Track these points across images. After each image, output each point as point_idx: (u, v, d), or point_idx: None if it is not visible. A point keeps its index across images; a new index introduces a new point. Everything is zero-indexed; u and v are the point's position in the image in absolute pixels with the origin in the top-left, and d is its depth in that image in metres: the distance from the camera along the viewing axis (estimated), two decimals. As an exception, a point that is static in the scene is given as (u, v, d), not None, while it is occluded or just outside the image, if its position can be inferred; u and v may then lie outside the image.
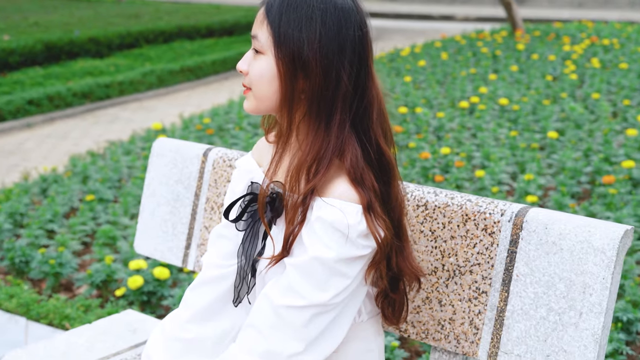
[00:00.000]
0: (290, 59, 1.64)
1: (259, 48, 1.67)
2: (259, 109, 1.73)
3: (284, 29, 1.64)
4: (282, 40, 1.64)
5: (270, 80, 1.67)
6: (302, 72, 1.64)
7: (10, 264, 4.37)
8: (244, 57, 1.72)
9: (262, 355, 1.64)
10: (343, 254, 1.61)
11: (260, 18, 1.68)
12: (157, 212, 2.59)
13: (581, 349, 1.80)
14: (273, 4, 1.66)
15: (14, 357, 2.33)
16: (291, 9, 1.64)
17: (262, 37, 1.66)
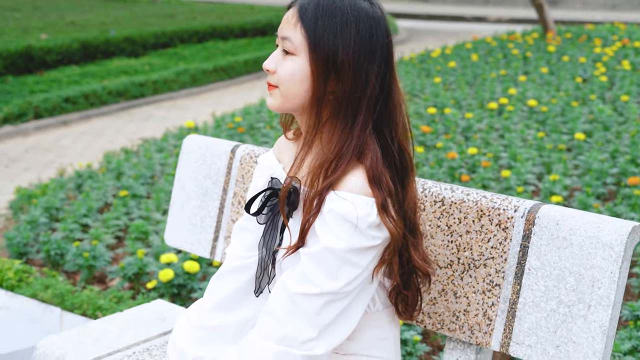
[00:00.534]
0: (324, 62, 1.73)
1: (290, 49, 1.76)
2: (284, 107, 1.81)
3: (320, 33, 1.72)
4: (317, 43, 1.73)
5: (301, 81, 1.76)
6: (334, 74, 1.74)
7: (46, 256, 4.51)
8: (271, 57, 1.81)
9: (279, 340, 1.74)
10: (353, 244, 1.69)
11: (293, 21, 1.75)
12: (186, 206, 2.70)
13: (589, 340, 1.88)
14: (307, 8, 1.74)
15: (50, 342, 2.45)
16: (326, 15, 1.73)
17: (296, 39, 1.75)
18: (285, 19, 1.78)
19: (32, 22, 14.44)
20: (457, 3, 22.42)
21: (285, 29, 1.77)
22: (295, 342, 1.73)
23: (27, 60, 11.09)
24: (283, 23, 1.79)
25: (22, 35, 12.59)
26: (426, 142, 6.34)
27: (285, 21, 1.78)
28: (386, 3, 22.11)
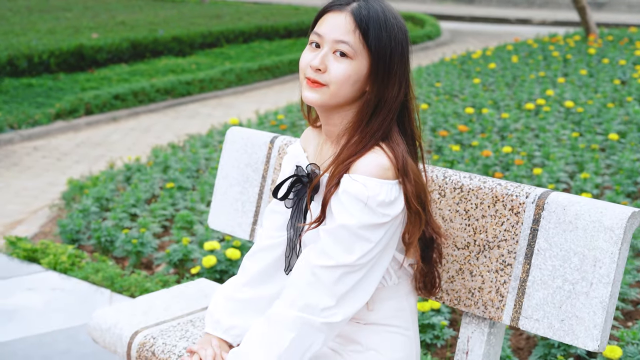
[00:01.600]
0: (382, 68, 1.95)
1: (349, 52, 1.94)
2: (328, 103, 2.01)
3: (381, 42, 1.93)
4: (379, 51, 1.93)
5: (354, 82, 1.96)
6: (386, 79, 1.96)
7: (96, 242, 4.79)
8: (319, 56, 1.96)
9: (301, 308, 1.95)
10: (365, 221, 1.90)
11: (350, 27, 1.93)
12: (228, 192, 2.93)
13: (591, 314, 2.06)
14: (364, 17, 1.93)
15: (103, 313, 2.69)
16: (382, 26, 1.94)
17: (355, 44, 1.93)
18: (335, 24, 1.94)
19: (84, 22, 14.84)
20: (502, 5, 22.45)
21: (339, 33, 1.94)
22: (316, 310, 1.94)
23: (79, 58, 11.44)
24: (332, 26, 1.95)
25: (74, 34, 12.97)
26: (462, 141, 6.51)
27: (336, 25, 1.94)
28: (431, 5, 22.22)
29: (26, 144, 8.29)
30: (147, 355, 2.46)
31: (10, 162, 7.55)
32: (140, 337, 2.52)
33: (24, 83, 10.20)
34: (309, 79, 1.99)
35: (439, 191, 2.36)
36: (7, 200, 6.32)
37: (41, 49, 11.00)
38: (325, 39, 1.96)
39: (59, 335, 3.73)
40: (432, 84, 9.01)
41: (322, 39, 1.97)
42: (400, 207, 1.96)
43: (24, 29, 13.56)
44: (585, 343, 2.08)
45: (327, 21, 1.97)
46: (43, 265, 4.58)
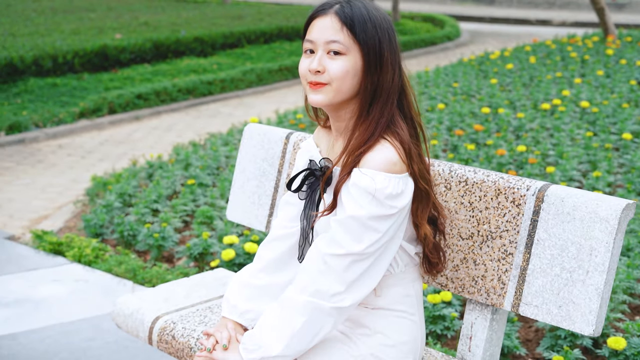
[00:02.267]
0: (374, 57, 2.09)
1: (341, 50, 2.08)
2: (334, 100, 2.14)
3: (367, 34, 2.08)
4: (367, 42, 2.08)
5: (353, 76, 2.10)
6: (379, 67, 2.10)
7: (119, 237, 4.94)
8: (315, 59, 2.10)
9: (312, 294, 2.08)
10: (373, 212, 2.03)
11: (337, 27, 2.08)
12: (246, 186, 3.06)
13: (586, 301, 2.18)
14: (348, 15, 2.07)
15: (126, 300, 2.83)
16: (365, 19, 2.08)
17: (345, 40, 2.08)
18: (323, 27, 2.09)
19: (107, 22, 15.05)
20: (522, 6, 22.47)
21: (329, 34, 2.08)
22: (326, 295, 2.07)
23: (103, 58, 11.63)
24: (321, 29, 2.09)
25: (98, 35, 13.17)
26: (478, 140, 6.62)
27: (324, 28, 2.09)
28: (451, 6, 22.28)
29: (51, 142, 8.47)
30: (167, 339, 2.60)
31: (35, 160, 7.73)
32: (161, 322, 2.65)
33: (49, 83, 10.39)
34: (311, 83, 2.12)
35: (445, 184, 2.48)
36: (33, 196, 6.49)
37: (65, 49, 11.19)
38: (317, 43, 2.10)
39: (83, 324, 3.89)
40: (450, 84, 9.11)
41: (314, 44, 2.11)
42: (406, 200, 2.08)
43: (48, 29, 13.78)
44: (582, 328, 2.19)
45: (316, 27, 2.11)
46: (68, 258, 4.74)
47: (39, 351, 3.61)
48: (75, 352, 3.61)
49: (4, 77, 10.28)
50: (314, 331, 2.09)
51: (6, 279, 4.45)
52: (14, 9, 17.42)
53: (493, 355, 2.46)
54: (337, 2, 2.11)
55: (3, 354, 3.58)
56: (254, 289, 2.36)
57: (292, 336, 2.08)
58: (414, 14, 18.89)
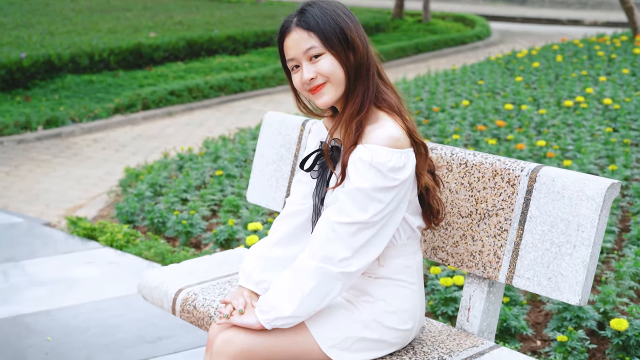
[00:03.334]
0: (344, 43, 2.31)
1: (319, 52, 2.31)
2: (337, 95, 2.36)
3: (326, 29, 2.30)
4: (329, 36, 2.30)
5: (338, 67, 2.33)
6: (351, 49, 2.32)
7: (150, 223, 5.18)
8: (305, 70, 2.33)
9: (322, 259, 2.28)
10: (376, 184, 2.23)
11: (305, 36, 2.31)
12: (265, 169, 3.27)
13: (574, 273, 2.35)
14: (307, 21, 2.31)
15: (152, 273, 3.05)
16: (322, 17, 2.31)
17: (316, 44, 2.31)
18: (294, 42, 2.32)
19: (143, 21, 15.36)
20: (554, 6, 22.48)
21: (303, 45, 2.31)
22: (334, 260, 2.27)
23: (137, 56, 11.91)
24: (294, 45, 2.32)
25: (133, 33, 13.48)
26: (500, 135, 6.77)
27: (297, 41, 2.32)
28: (483, 6, 22.34)
29: (87, 136, 8.76)
30: (189, 309, 2.81)
31: (71, 153, 8.01)
32: (183, 293, 2.87)
33: (85, 79, 10.69)
34: (312, 90, 2.36)
35: (447, 166, 2.66)
36: (69, 187, 6.76)
37: (102, 48, 11.50)
38: (297, 57, 2.34)
39: (114, 302, 4.12)
40: (476, 82, 9.26)
41: (296, 59, 2.35)
42: (408, 172, 2.28)
43: (85, 28, 14.11)
44: (569, 297, 2.37)
45: (288, 45, 2.35)
46: (100, 242, 4.98)
47: (71, 326, 3.85)
48: (106, 327, 3.84)
49: (42, 74, 10.59)
50: (322, 294, 2.28)
51: (42, 261, 4.71)
52: (53, 8, 17.82)
53: (490, 326, 2.64)
54: (293, 17, 2.36)
55: (38, 329, 3.82)
56: (268, 260, 2.56)
57: (303, 298, 2.27)
58: (446, 14, 19.01)
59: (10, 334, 3.77)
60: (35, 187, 6.79)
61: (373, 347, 2.40)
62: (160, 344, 3.66)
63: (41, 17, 15.98)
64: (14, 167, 7.44)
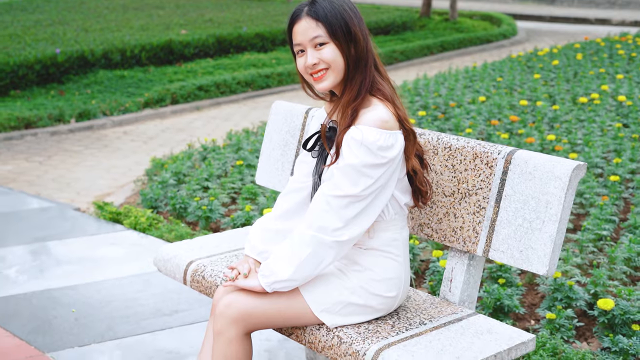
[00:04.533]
0: (347, 35, 2.58)
1: (323, 40, 2.57)
2: (336, 81, 2.63)
3: (332, 21, 2.56)
4: (337, 27, 2.56)
5: (339, 55, 2.59)
6: (353, 41, 2.59)
7: (172, 209, 5.48)
8: (309, 56, 2.59)
9: (317, 229, 2.54)
10: (366, 161, 2.48)
11: (313, 25, 2.57)
12: (272, 154, 3.54)
13: (542, 246, 2.59)
14: (317, 13, 2.56)
15: (166, 248, 3.32)
16: (329, 9, 2.57)
17: (322, 33, 2.57)
18: (303, 29, 2.58)
19: (174, 19, 15.70)
20: (583, 5, 22.52)
21: (310, 33, 2.57)
22: (328, 230, 2.53)
23: (168, 52, 12.24)
24: (303, 32, 2.58)
25: (165, 30, 13.81)
26: (512, 130, 6.98)
27: (305, 29, 2.57)
28: (512, 5, 22.43)
29: (117, 129, 9.10)
30: (198, 279, 3.08)
31: (102, 144, 8.35)
32: (193, 265, 3.14)
33: (117, 75, 11.04)
34: (313, 75, 2.62)
35: (433, 150, 2.91)
36: (99, 176, 7.09)
37: (133, 44, 11.84)
38: (303, 43, 2.60)
39: (135, 279, 4.42)
40: (494, 78, 9.46)
41: (302, 45, 2.61)
42: (396, 152, 2.54)
43: (118, 25, 14.48)
44: (538, 268, 2.61)
45: (297, 31, 2.61)
46: (125, 226, 5.29)
47: (95, 299, 4.15)
48: (127, 300, 4.13)
49: (75, 69, 10.96)
50: (317, 261, 2.55)
51: (71, 242, 5.03)
52: (87, 5, 18.24)
53: (470, 296, 2.89)
54: (304, 6, 2.62)
55: (65, 302, 4.13)
56: (271, 232, 2.83)
57: (299, 264, 2.54)
58: (474, 13, 19.16)
59: (40, 306, 4.08)
60: (67, 176, 7.12)
61: (360, 312, 2.66)
62: (176, 316, 3.95)
63: (76, 14, 16.40)
64: (47, 157, 7.79)
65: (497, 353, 2.53)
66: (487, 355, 2.50)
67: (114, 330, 3.81)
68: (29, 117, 8.83)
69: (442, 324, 2.69)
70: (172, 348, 3.64)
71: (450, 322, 2.72)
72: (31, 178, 7.05)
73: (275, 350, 3.62)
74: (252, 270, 2.73)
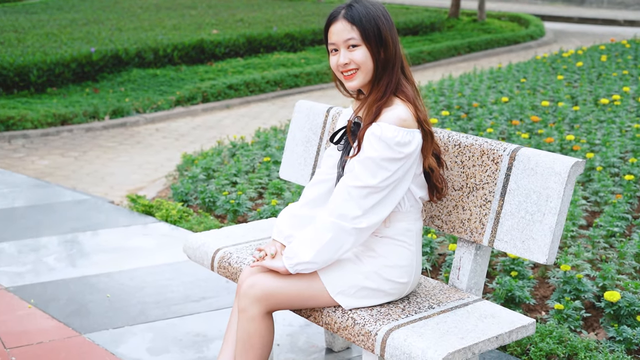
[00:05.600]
0: (378, 40, 2.80)
1: (355, 42, 2.79)
2: (364, 81, 2.85)
3: (366, 26, 2.78)
4: (368, 34, 2.79)
5: (370, 59, 2.81)
6: (383, 47, 2.80)
7: (201, 202, 5.73)
8: (342, 56, 2.82)
9: (338, 217, 2.76)
10: (384, 155, 2.70)
11: (348, 27, 2.79)
12: (295, 150, 3.77)
13: (542, 237, 2.79)
14: (354, 17, 2.79)
15: (195, 237, 3.56)
16: (367, 17, 2.80)
17: (356, 36, 2.79)
18: (338, 31, 2.80)
19: (206, 19, 16.01)
20: (613, 7, 22.52)
21: (344, 35, 2.80)
22: (348, 218, 2.75)
23: (199, 52, 12.53)
24: (338, 32, 2.80)
25: (196, 30, 14.11)
26: (534, 130, 7.15)
27: (339, 31, 2.80)
28: (542, 6, 22.48)
29: (149, 126, 9.39)
30: (225, 265, 3.32)
31: (135, 141, 8.64)
32: (220, 252, 3.38)
33: (150, 73, 11.34)
34: (344, 73, 2.85)
35: (444, 147, 3.12)
36: (132, 171, 7.37)
37: (166, 43, 12.14)
38: (337, 43, 2.83)
39: (166, 268, 4.67)
40: (518, 79, 9.62)
41: (336, 44, 2.84)
42: (412, 148, 2.75)
43: (151, 24, 14.81)
44: (538, 257, 2.81)
45: (333, 31, 2.84)
46: (157, 218, 5.56)
47: (128, 286, 4.41)
48: (158, 287, 4.39)
49: (110, 68, 11.28)
50: (337, 246, 2.78)
51: (106, 232, 5.30)
52: (122, 5, 18.62)
53: (477, 283, 3.09)
54: (341, 9, 2.84)
55: (100, 287, 4.39)
56: (297, 219, 3.07)
57: (320, 248, 2.78)
58: (502, 14, 19.28)
59: (77, 291, 4.34)
60: (101, 170, 7.41)
61: (372, 296, 2.88)
62: (204, 303, 4.20)
63: (110, 13, 16.76)
64: (82, 153, 8.09)
65: (499, 335, 2.74)
66: (489, 336, 2.71)
67: (146, 314, 4.07)
68: (65, 114, 9.14)
69: (449, 308, 2.90)
70: (199, 331, 3.88)
71: (457, 306, 2.92)
72: (67, 172, 7.34)
73: (297, 335, 3.84)
74: (278, 253, 2.97)
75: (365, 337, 2.74)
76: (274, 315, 3.01)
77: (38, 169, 7.43)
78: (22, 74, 10.21)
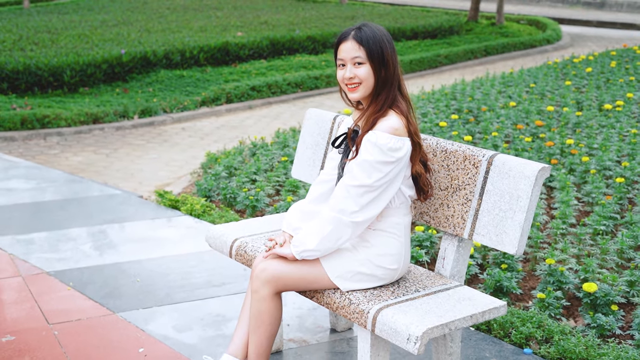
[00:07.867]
0: (381, 60, 3.26)
1: (361, 61, 3.25)
2: (365, 94, 3.32)
3: (372, 48, 3.24)
4: (375, 53, 3.25)
5: (372, 76, 3.28)
6: (384, 67, 3.26)
7: (223, 198, 6.22)
8: (347, 71, 3.28)
9: (338, 211, 3.22)
10: (378, 158, 3.16)
11: (356, 47, 3.25)
12: (305, 153, 4.24)
13: (513, 231, 3.24)
14: (361, 38, 3.25)
15: (216, 228, 4.03)
16: (371, 37, 3.26)
17: (362, 55, 3.26)
18: (347, 49, 3.26)
19: (232, 20, 16.49)
20: (632, 10, 22.76)
21: (352, 53, 3.25)
22: (346, 212, 3.22)
23: (224, 54, 13.02)
24: (347, 50, 3.26)
25: (222, 32, 14.60)
26: (537, 134, 7.58)
27: (348, 49, 3.26)
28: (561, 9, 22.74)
29: (176, 125, 9.90)
30: (241, 253, 3.80)
31: (162, 139, 9.15)
32: (238, 242, 3.85)
33: (177, 74, 11.85)
34: (348, 86, 3.32)
35: (432, 153, 3.58)
36: (159, 169, 7.87)
37: (192, 45, 12.64)
38: (345, 60, 3.29)
39: (190, 256, 5.17)
40: (528, 84, 10.02)
41: (344, 60, 3.30)
42: (402, 153, 3.21)
43: (179, 26, 15.32)
44: (509, 249, 3.26)
45: (342, 49, 3.30)
46: (182, 211, 6.06)
47: (156, 272, 4.91)
48: (182, 273, 4.88)
49: (138, 69, 11.80)
50: (337, 236, 3.24)
51: (135, 224, 5.81)
52: (150, 6, 19.15)
53: (460, 272, 3.55)
54: (352, 30, 3.29)
55: (130, 273, 4.89)
56: (304, 213, 3.53)
57: (323, 238, 3.24)
58: (521, 17, 19.62)
59: (109, 276, 4.84)
60: (131, 167, 7.93)
61: (366, 280, 3.34)
62: (224, 287, 4.69)
63: (139, 14, 17.30)
64: (113, 150, 8.61)
65: (473, 314, 3.20)
66: (464, 315, 3.17)
67: (172, 297, 4.56)
68: (96, 113, 9.67)
69: (433, 292, 3.36)
70: (219, 312, 4.37)
71: (440, 290, 3.39)
72: (99, 168, 7.86)
73: (305, 317, 4.31)
74: (286, 242, 3.45)
75: (359, 315, 3.21)
76: (285, 299, 3.48)
77: (72, 165, 7.96)
78: (56, 74, 10.75)
